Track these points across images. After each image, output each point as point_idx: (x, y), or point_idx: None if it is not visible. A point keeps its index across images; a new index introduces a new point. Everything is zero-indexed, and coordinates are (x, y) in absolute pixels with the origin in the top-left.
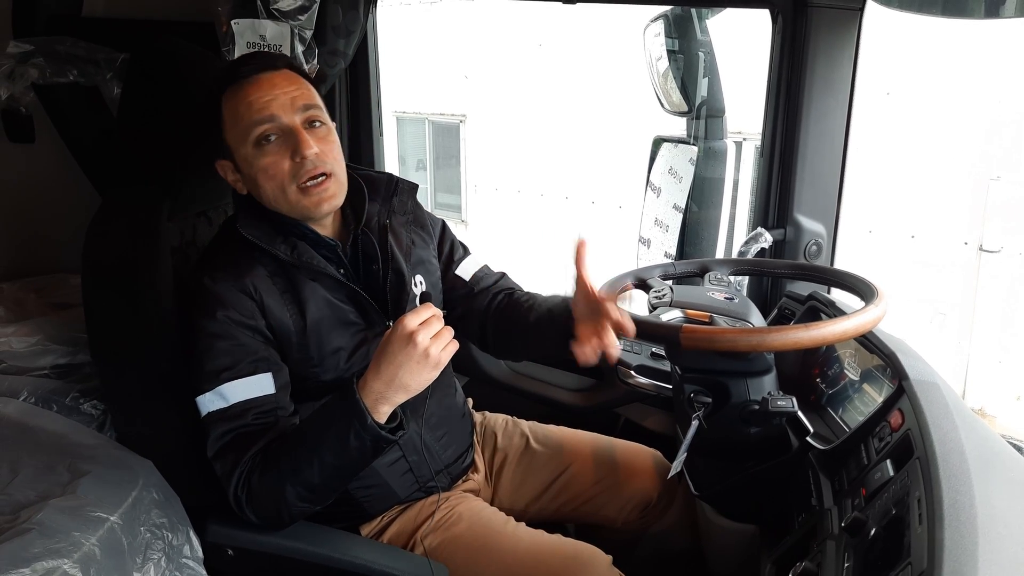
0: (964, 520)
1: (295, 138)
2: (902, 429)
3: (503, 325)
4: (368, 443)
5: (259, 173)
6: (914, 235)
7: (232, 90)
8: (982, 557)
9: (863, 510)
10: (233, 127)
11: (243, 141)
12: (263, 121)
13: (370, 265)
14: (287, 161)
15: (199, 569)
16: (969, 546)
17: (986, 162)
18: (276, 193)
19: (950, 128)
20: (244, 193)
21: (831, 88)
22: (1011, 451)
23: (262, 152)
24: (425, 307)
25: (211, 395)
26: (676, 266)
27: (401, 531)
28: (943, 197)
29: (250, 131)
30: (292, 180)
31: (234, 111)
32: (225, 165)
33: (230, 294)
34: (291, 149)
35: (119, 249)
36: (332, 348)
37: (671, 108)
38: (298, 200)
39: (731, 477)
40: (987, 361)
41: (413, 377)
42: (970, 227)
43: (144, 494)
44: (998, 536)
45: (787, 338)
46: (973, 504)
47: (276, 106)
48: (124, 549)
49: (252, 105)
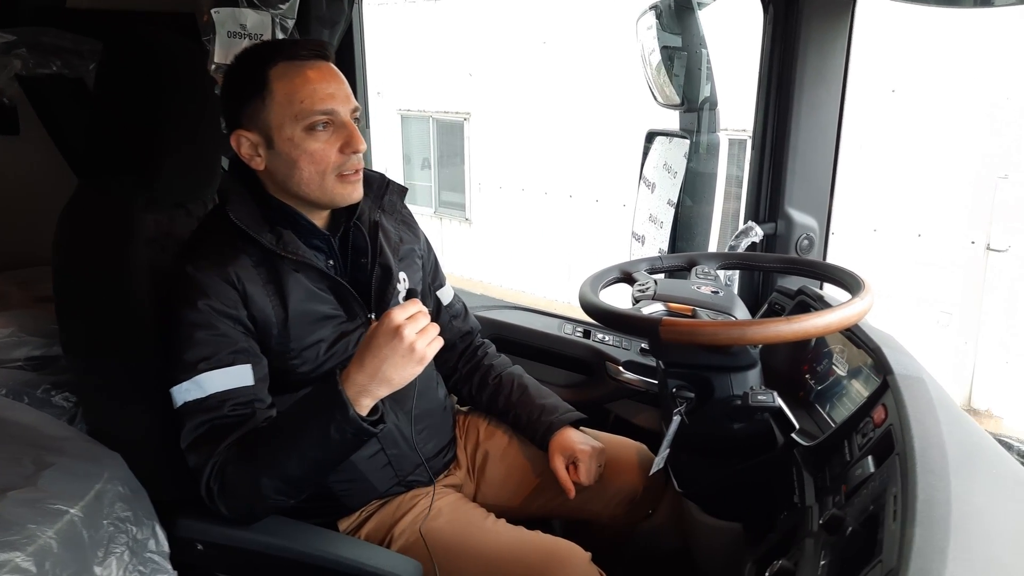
0: (937, 517)
1: (348, 133)
2: (884, 425)
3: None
4: (349, 435)
5: (302, 155)
6: (920, 234)
7: (288, 67)
8: (952, 555)
9: (842, 507)
10: (285, 105)
11: (292, 121)
12: (325, 112)
13: (358, 259)
14: (335, 151)
15: (164, 564)
16: (939, 544)
17: (993, 160)
18: (313, 176)
19: (957, 125)
20: (259, 168)
21: (823, 80)
22: (996, 448)
23: (313, 137)
24: (412, 302)
25: (188, 385)
26: (663, 260)
27: (379, 526)
28: (950, 196)
29: (307, 115)
30: (334, 170)
31: (291, 90)
32: (246, 136)
33: (213, 283)
34: (342, 142)
35: (90, 239)
36: (312, 340)
37: (664, 101)
38: (334, 187)
39: (715, 474)
40: (994, 362)
41: (397, 371)
42: (977, 226)
43: (109, 487)
44: (972, 533)
45: (768, 331)
46: (949, 501)
47: (337, 100)
48: (84, 542)
49: (316, 92)
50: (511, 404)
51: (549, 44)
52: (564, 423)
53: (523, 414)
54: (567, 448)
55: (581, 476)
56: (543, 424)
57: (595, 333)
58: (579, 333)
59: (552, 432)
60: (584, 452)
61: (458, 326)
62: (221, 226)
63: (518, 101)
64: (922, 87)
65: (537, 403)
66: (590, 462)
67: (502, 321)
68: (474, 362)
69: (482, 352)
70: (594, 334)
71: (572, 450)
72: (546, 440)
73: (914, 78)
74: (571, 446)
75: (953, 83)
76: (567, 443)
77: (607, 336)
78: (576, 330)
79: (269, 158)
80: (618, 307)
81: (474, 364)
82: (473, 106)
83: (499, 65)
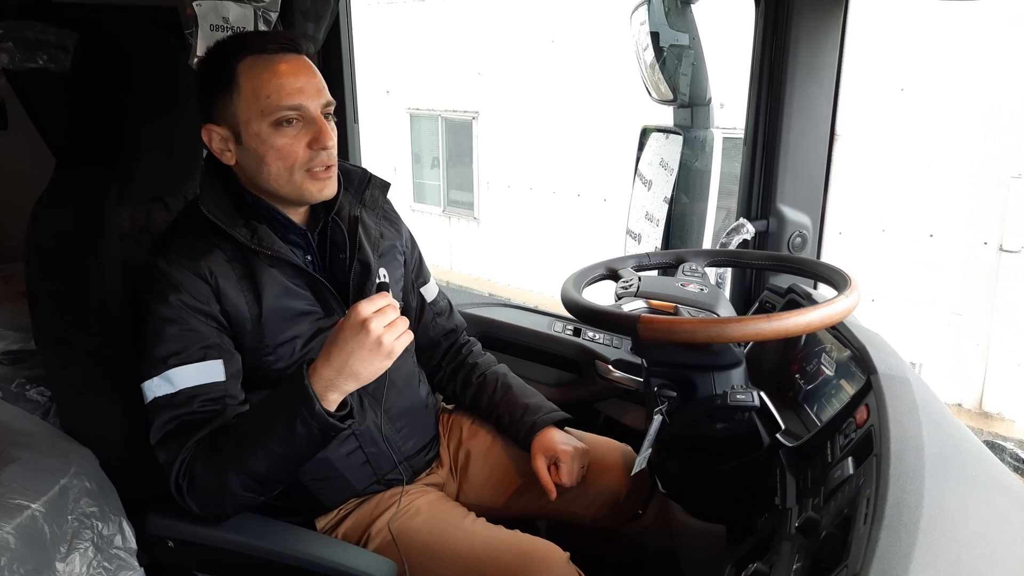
0: (906, 520)
1: (317, 129)
2: (866, 425)
3: (455, 386)
4: (316, 431)
5: (270, 151)
6: (932, 234)
7: (255, 61)
8: (917, 559)
9: (819, 510)
10: (252, 100)
11: (260, 117)
12: (292, 107)
13: (337, 254)
14: (303, 147)
15: (131, 560)
16: (904, 547)
17: (1006, 159)
18: (281, 172)
19: (968, 124)
20: (230, 163)
21: (816, 75)
22: (979, 450)
23: (280, 132)
24: (381, 295)
25: (158, 380)
26: (651, 257)
27: (356, 524)
28: (961, 196)
29: (274, 111)
30: (302, 166)
31: (257, 85)
32: (216, 131)
33: (185, 277)
34: (311, 137)
35: (62, 232)
36: (287, 336)
37: (657, 97)
38: (302, 182)
39: (698, 475)
40: (1006, 364)
41: (364, 365)
42: (989, 226)
43: (75, 482)
44: (942, 537)
45: (747, 329)
46: (920, 504)
47: (305, 94)
48: (46, 538)
49: (284, 87)
50: (494, 403)
51: (557, 43)
52: (547, 423)
53: (506, 413)
54: (549, 449)
55: (563, 477)
56: (526, 424)
57: (585, 331)
58: (569, 331)
59: (535, 432)
60: (566, 453)
61: (442, 324)
62: (195, 220)
63: (526, 100)
64: (933, 86)
65: (520, 402)
66: (572, 463)
67: (491, 319)
68: (458, 360)
69: (467, 350)
70: (584, 332)
71: (554, 451)
72: (528, 440)
73: (925, 77)
74: (553, 447)
75: (965, 81)
76: (549, 444)
77: (597, 334)
78: (566, 328)
79: (238, 153)
80: (598, 304)
81: (458, 363)
82: (482, 105)
83: (507, 64)
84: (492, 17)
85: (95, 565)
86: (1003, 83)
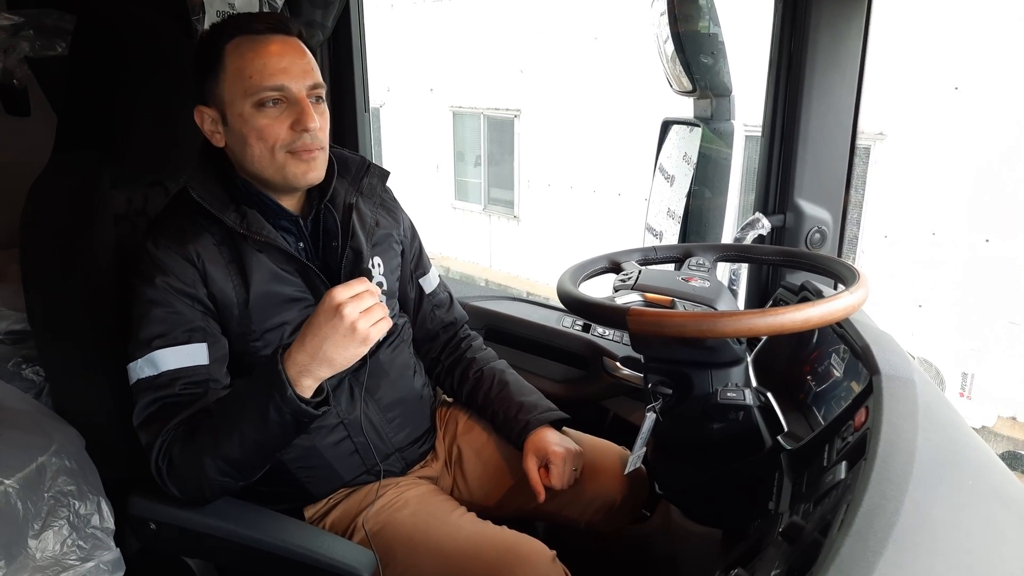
0: (877, 528)
1: (300, 109)
2: (863, 428)
3: (453, 381)
4: (288, 416)
5: (252, 132)
6: (988, 239)
7: (242, 41)
8: (880, 569)
9: (806, 515)
10: (236, 80)
11: (243, 97)
12: (275, 88)
13: (330, 242)
14: (285, 128)
15: (107, 540)
16: (869, 556)
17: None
18: (263, 154)
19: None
20: (220, 145)
21: (837, 63)
22: (987, 460)
23: (262, 113)
24: (358, 280)
25: (142, 362)
26: (657, 250)
27: (344, 514)
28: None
29: (256, 91)
30: (284, 147)
31: (241, 65)
32: (207, 113)
33: (171, 260)
34: (293, 119)
35: (55, 213)
36: (275, 323)
37: (678, 88)
38: (284, 163)
39: (694, 477)
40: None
41: (338, 351)
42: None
43: (53, 460)
44: (916, 547)
45: (739, 324)
46: (898, 512)
47: (289, 75)
48: (18, 514)
49: (266, 67)
50: (489, 400)
51: (600, 40)
52: (541, 422)
53: (500, 411)
54: (541, 449)
55: (552, 479)
56: (519, 423)
57: (595, 328)
58: (578, 327)
59: (528, 432)
60: (557, 454)
61: (441, 316)
62: (187, 204)
63: (568, 98)
64: (989, 85)
65: (516, 400)
66: (563, 465)
67: (497, 312)
68: (457, 354)
69: (466, 344)
70: (594, 329)
71: (546, 451)
72: (521, 439)
73: (980, 76)
74: (545, 447)
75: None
76: (542, 444)
77: (607, 331)
78: (575, 324)
79: (226, 135)
80: (589, 295)
81: (457, 356)
82: (523, 103)
83: (550, 61)
84: (535, 14)
85: (70, 543)
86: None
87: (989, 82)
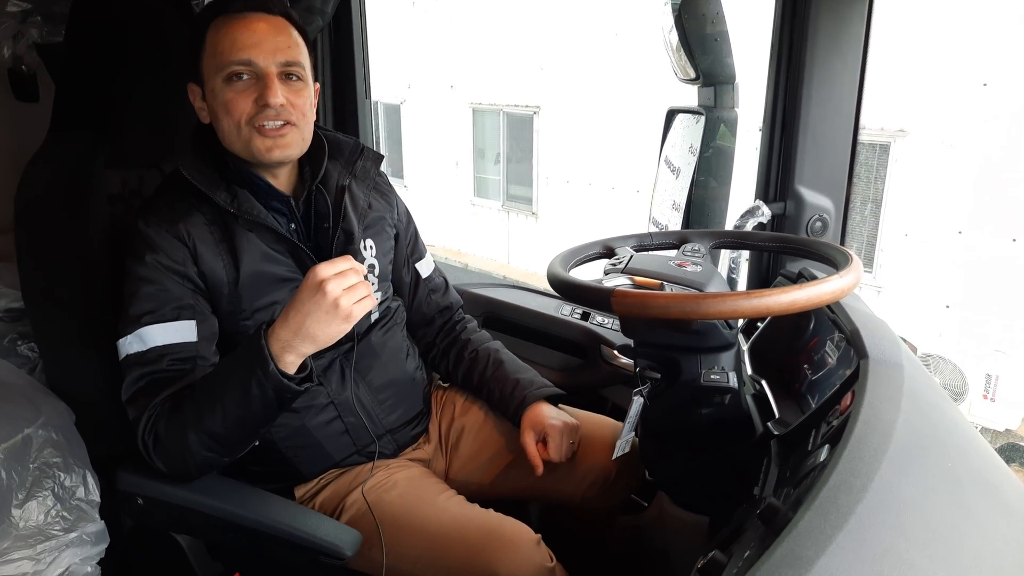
0: (841, 503)
1: (264, 84)
2: (847, 412)
3: (448, 363)
4: (270, 392)
5: (220, 106)
6: (1015, 239)
7: (220, 21)
8: (839, 542)
9: (785, 498)
10: (211, 57)
11: (215, 73)
12: (239, 63)
13: (321, 223)
14: (250, 103)
15: (92, 512)
16: (828, 530)
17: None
18: (231, 128)
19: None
20: (205, 122)
21: (838, 48)
22: (973, 447)
23: (230, 87)
24: (343, 258)
25: (131, 338)
26: (653, 237)
27: (334, 495)
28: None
29: (224, 67)
30: (249, 120)
31: (215, 43)
32: (195, 90)
33: (161, 238)
34: (258, 93)
35: (49, 191)
36: (265, 302)
37: (682, 76)
38: (250, 138)
39: (683, 462)
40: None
41: (321, 328)
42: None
43: (40, 432)
44: (879, 524)
45: (723, 306)
46: (865, 489)
47: (257, 52)
48: (2, 484)
49: (235, 43)
50: (485, 379)
51: (621, 36)
52: (537, 398)
53: (496, 389)
54: (538, 423)
55: (551, 452)
56: (516, 399)
57: (594, 316)
58: (577, 315)
59: (524, 407)
60: (555, 428)
61: (437, 300)
62: (179, 184)
63: (587, 95)
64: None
65: (512, 378)
66: (561, 438)
67: (497, 299)
68: (452, 337)
69: (461, 327)
70: (593, 317)
71: (543, 425)
72: (519, 415)
73: (1009, 72)
74: (542, 421)
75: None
76: (538, 418)
77: (605, 319)
78: (574, 312)
79: (209, 111)
80: (575, 277)
81: (452, 339)
82: (543, 100)
83: (570, 58)
84: (555, 11)
85: (54, 514)
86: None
87: (1020, 78)
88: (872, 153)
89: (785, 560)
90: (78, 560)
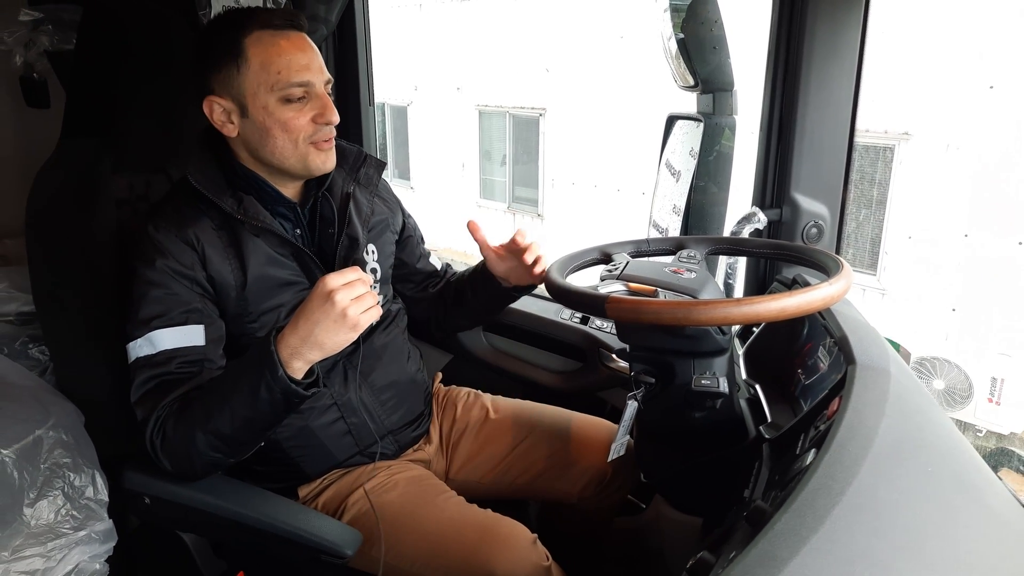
0: (818, 506)
1: (323, 104)
2: (834, 417)
3: (445, 304)
4: (278, 395)
5: (276, 124)
6: (1022, 241)
7: (263, 35)
8: (814, 544)
9: (772, 501)
10: (260, 73)
11: (269, 91)
12: (300, 84)
13: (326, 229)
14: (307, 121)
15: (100, 512)
16: (804, 531)
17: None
18: (286, 144)
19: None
20: (231, 135)
21: (835, 54)
22: (958, 452)
23: (287, 107)
24: (351, 269)
25: (141, 341)
26: (650, 243)
27: (336, 495)
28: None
29: (284, 86)
30: (308, 138)
31: (266, 59)
32: (219, 103)
33: (171, 243)
34: (316, 112)
35: (58, 197)
36: (271, 305)
37: (681, 83)
38: (307, 153)
39: (677, 464)
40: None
41: (329, 336)
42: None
43: (51, 434)
44: (856, 526)
45: (714, 313)
46: (843, 492)
47: (311, 72)
48: (15, 483)
49: (292, 63)
50: (463, 280)
51: (626, 39)
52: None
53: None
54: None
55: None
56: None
57: (593, 320)
58: (576, 319)
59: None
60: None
61: (434, 284)
62: (187, 190)
63: (593, 97)
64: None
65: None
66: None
67: None
68: (441, 286)
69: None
70: (591, 321)
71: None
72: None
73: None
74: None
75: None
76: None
77: (605, 323)
78: (574, 316)
79: (242, 125)
80: (570, 283)
81: (442, 287)
82: (548, 102)
83: (576, 60)
84: (561, 13)
85: (63, 513)
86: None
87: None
88: (876, 156)
89: (760, 560)
90: (87, 557)
